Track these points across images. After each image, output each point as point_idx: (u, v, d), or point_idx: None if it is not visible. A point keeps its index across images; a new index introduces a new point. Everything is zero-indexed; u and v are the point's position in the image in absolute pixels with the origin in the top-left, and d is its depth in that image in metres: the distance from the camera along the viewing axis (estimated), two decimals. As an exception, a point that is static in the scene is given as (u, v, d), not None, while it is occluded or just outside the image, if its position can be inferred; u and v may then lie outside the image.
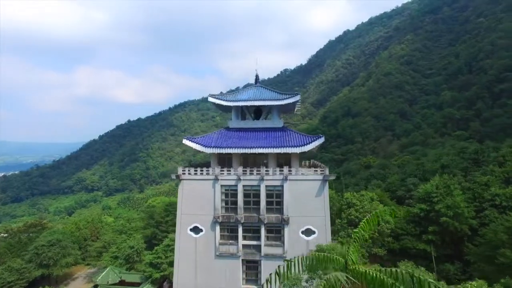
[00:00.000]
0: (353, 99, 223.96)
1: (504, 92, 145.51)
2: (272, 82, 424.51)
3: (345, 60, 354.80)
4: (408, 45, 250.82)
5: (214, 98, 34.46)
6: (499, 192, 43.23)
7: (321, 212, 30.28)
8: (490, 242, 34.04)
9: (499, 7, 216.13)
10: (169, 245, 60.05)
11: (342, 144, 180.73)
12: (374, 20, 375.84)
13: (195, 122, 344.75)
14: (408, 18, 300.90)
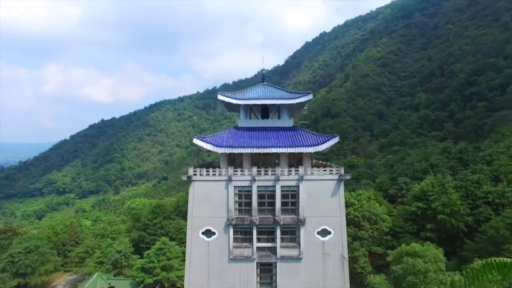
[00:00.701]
0: (332, 100, 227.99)
1: (474, 95, 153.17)
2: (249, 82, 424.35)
3: (322, 61, 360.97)
4: (384, 48, 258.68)
5: (223, 96, 33.38)
6: (491, 190, 45.06)
7: (337, 212, 30.05)
8: (492, 238, 35.20)
9: (464, 15, 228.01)
10: (161, 249, 58.06)
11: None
12: (350, 23, 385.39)
13: (172, 122, 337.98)
14: (383, 22, 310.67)
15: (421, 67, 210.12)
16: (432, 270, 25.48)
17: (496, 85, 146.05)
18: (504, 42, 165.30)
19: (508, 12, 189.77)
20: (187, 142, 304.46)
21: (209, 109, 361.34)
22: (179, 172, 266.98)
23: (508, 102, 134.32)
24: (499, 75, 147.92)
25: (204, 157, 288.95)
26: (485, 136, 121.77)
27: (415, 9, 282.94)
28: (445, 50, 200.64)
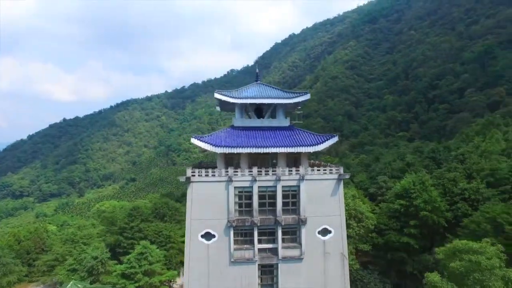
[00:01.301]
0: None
1: (436, 98, 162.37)
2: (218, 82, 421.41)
3: (291, 62, 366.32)
4: (352, 51, 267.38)
5: (220, 94, 32.50)
6: (466, 187, 47.75)
7: (337, 211, 30.32)
8: (474, 232, 37.22)
9: (425, 23, 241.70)
10: (142, 253, 55.73)
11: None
12: (318, 26, 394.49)
13: (139, 122, 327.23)
14: (350, 26, 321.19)
15: (387, 70, 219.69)
16: (497, 266, 26.44)
17: (455, 89, 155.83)
18: (460, 50, 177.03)
19: (462, 22, 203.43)
20: (156, 142, 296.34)
21: (178, 108, 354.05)
22: (148, 172, 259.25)
23: (466, 105, 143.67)
24: (458, 80, 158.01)
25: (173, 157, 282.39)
26: (447, 137, 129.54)
27: (380, 15, 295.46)
28: (408, 55, 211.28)
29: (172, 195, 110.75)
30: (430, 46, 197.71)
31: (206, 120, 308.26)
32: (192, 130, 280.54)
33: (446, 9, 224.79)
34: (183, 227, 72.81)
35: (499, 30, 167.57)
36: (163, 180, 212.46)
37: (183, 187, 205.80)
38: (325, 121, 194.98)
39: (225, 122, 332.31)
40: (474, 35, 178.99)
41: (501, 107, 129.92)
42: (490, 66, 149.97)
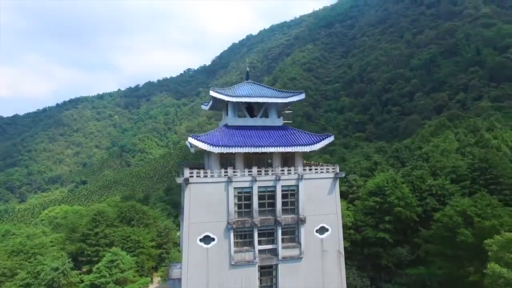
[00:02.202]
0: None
1: (389, 101, 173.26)
2: (175, 81, 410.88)
3: (249, 63, 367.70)
4: (309, 53, 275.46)
5: (215, 92, 31.40)
6: (433, 183, 51.39)
7: (334, 209, 30.82)
8: (446, 225, 40.10)
9: (377, 30, 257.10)
10: (113, 261, 52.43)
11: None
12: (276, 28, 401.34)
13: (90, 121, 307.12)
14: (306, 30, 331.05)
15: (343, 73, 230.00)
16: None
17: (406, 93, 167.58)
18: (409, 56, 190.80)
19: (409, 31, 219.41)
20: (108, 142, 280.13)
21: (132, 108, 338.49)
22: (100, 174, 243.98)
23: (416, 107, 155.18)
24: (408, 84, 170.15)
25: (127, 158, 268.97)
26: (400, 137, 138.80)
27: (335, 20, 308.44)
28: (363, 59, 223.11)
29: (134, 197, 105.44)
30: (383, 52, 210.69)
31: (162, 119, 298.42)
32: (147, 130, 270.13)
33: (395, 19, 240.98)
34: (151, 231, 69.70)
35: (440, 41, 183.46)
36: (117, 182, 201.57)
37: (139, 189, 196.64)
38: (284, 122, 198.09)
39: (181, 122, 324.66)
40: (420, 43, 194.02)
41: (445, 110, 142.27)
42: (435, 73, 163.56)
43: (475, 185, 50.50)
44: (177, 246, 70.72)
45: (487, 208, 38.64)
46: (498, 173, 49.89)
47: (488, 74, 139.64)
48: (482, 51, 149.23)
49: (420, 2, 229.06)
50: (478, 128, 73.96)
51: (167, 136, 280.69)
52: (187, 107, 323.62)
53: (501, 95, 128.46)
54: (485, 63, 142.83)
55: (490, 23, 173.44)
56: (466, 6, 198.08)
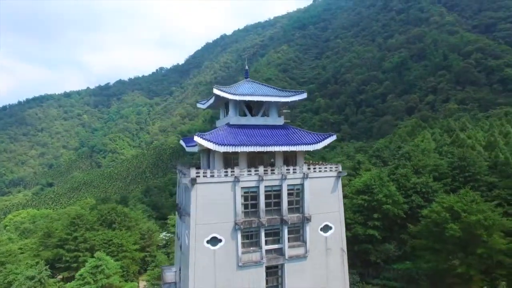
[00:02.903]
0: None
1: (363, 102, 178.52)
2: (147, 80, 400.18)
3: (223, 63, 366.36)
4: (284, 54, 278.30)
5: (219, 90, 30.74)
6: (417, 181, 53.51)
7: (337, 208, 31.16)
8: (435, 221, 41.86)
9: (349, 32, 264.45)
10: (97, 266, 50.21)
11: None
12: (250, 28, 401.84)
13: (56, 120, 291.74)
14: (281, 31, 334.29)
15: (318, 74, 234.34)
16: None
17: (379, 94, 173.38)
18: (381, 59, 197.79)
19: (380, 35, 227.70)
20: (77, 143, 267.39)
21: (102, 107, 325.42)
22: (69, 176, 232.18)
23: (388, 109, 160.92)
24: (380, 86, 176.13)
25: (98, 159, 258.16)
26: (374, 137, 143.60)
27: (309, 22, 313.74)
28: (337, 61, 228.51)
29: (109, 199, 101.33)
30: (356, 54, 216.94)
31: (134, 119, 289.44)
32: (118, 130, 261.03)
33: (366, 23, 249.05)
34: (134, 234, 67.35)
35: (410, 45, 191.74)
36: (88, 184, 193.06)
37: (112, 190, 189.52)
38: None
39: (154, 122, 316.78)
40: (391, 47, 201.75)
41: (416, 112, 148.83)
42: (405, 75, 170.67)
43: (456, 182, 53.17)
44: (161, 249, 68.84)
45: (472, 204, 40.74)
46: (475, 171, 52.82)
47: (454, 78, 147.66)
48: (449, 56, 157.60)
49: (390, 8, 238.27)
50: (452, 128, 78.12)
51: (139, 136, 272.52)
52: (160, 106, 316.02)
53: (466, 98, 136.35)
54: (451, 68, 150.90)
55: (454, 30, 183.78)
56: (432, 14, 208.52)
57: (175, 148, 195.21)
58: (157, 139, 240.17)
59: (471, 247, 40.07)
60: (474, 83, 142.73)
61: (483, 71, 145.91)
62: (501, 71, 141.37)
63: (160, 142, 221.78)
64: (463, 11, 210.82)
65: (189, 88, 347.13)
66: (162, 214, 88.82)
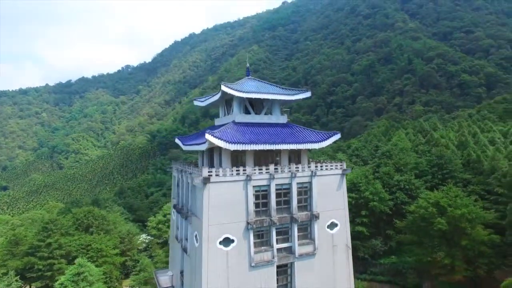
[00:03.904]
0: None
1: (334, 103, 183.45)
2: (112, 78, 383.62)
3: (192, 62, 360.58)
4: (254, 54, 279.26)
5: (226, 87, 29.99)
6: (400, 179, 55.83)
7: (342, 205, 31.59)
8: (422, 216, 43.84)
9: (319, 35, 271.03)
10: (79, 274, 47.28)
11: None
12: (219, 28, 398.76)
13: (11, 119, 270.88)
14: (250, 31, 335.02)
15: (288, 75, 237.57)
16: None
17: (349, 96, 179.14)
18: (350, 62, 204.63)
19: (349, 38, 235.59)
20: (35, 143, 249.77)
21: (63, 105, 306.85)
22: (26, 178, 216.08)
23: (358, 110, 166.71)
24: (350, 88, 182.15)
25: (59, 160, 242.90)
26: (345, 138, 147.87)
27: (278, 24, 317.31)
28: (307, 63, 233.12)
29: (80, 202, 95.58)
30: (325, 56, 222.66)
31: (98, 118, 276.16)
32: (82, 130, 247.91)
33: (335, 26, 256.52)
34: (113, 238, 64.13)
35: (377, 49, 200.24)
36: (49, 187, 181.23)
37: (77, 193, 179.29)
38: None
39: (120, 121, 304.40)
40: (360, 50, 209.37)
41: (384, 113, 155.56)
42: (374, 78, 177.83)
43: (435, 179, 56.15)
44: (141, 252, 66.27)
45: (456, 199, 43.17)
46: (452, 168, 56.10)
47: (419, 81, 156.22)
48: (413, 61, 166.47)
49: (358, 12, 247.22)
50: (424, 128, 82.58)
51: (104, 136, 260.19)
52: (126, 105, 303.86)
53: (430, 100, 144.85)
54: (416, 72, 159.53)
55: (416, 36, 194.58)
56: (397, 20, 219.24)
57: (144, 148, 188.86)
58: (124, 139, 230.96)
59: (456, 240, 42.45)
60: (436, 87, 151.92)
61: (444, 75, 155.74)
62: (459, 76, 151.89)
63: (127, 142, 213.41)
64: (423, 19, 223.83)
65: (157, 87, 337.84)
66: (138, 216, 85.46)
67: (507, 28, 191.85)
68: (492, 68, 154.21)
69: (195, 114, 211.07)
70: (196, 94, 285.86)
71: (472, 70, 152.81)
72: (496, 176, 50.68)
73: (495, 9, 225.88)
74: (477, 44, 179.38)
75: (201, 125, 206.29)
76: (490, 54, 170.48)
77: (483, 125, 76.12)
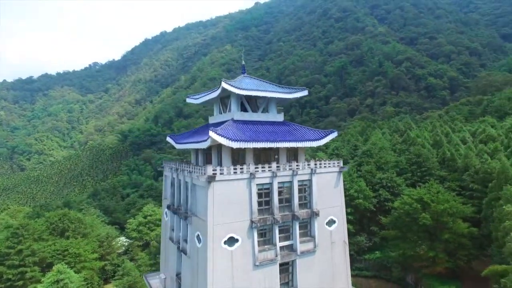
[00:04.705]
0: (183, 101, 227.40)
1: (308, 103, 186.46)
2: (78, 75, 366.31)
3: (163, 61, 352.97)
4: (227, 54, 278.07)
5: (227, 84, 29.44)
6: (383, 177, 57.73)
7: (339, 202, 32.07)
8: (407, 211, 45.60)
9: (292, 36, 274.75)
10: (58, 281, 44.75)
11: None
12: (191, 26, 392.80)
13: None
14: (223, 31, 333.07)
15: (261, 76, 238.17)
16: None
17: (322, 97, 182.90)
18: (323, 63, 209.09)
19: (321, 40, 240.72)
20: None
21: (24, 103, 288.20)
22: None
23: (332, 110, 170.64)
24: (324, 89, 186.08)
25: (20, 161, 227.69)
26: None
27: (251, 24, 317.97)
28: (280, 63, 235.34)
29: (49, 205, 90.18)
30: (299, 57, 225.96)
31: (64, 117, 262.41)
32: (46, 129, 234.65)
33: (308, 28, 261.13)
34: (91, 242, 61.16)
35: (349, 51, 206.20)
36: (9, 190, 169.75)
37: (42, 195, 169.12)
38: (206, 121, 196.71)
39: (88, 121, 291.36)
40: (332, 52, 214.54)
41: (357, 113, 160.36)
42: (346, 79, 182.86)
43: (414, 177, 58.60)
44: (121, 256, 63.79)
45: (438, 195, 45.30)
46: (430, 166, 58.82)
47: (389, 83, 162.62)
48: (383, 64, 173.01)
49: (330, 15, 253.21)
50: (399, 128, 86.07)
51: (71, 136, 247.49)
52: (94, 104, 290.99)
53: (400, 101, 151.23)
54: (386, 74, 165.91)
55: (386, 40, 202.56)
56: (367, 24, 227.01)
57: (115, 148, 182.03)
58: (93, 139, 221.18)
59: (438, 233, 44.52)
60: (405, 89, 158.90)
61: (412, 78, 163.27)
62: (426, 80, 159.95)
63: (96, 142, 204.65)
64: (391, 24, 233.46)
65: (127, 85, 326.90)
66: (115, 218, 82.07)
67: (465, 36, 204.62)
68: (454, 73, 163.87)
69: (169, 113, 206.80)
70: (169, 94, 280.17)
71: (437, 73, 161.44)
72: (469, 173, 53.73)
73: (454, 18, 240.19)
74: (440, 50, 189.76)
75: (175, 125, 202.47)
76: (452, 59, 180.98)
77: (454, 125, 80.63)
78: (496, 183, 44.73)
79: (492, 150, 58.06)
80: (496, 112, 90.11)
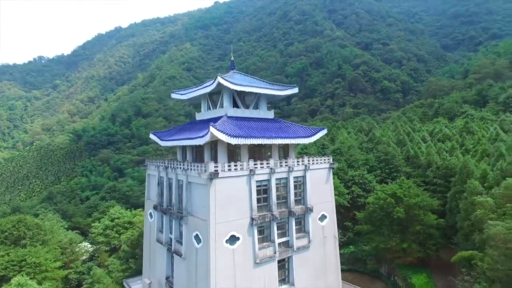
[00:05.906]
0: (141, 99, 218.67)
1: (270, 103, 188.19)
2: (21, 69, 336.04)
3: (118, 57, 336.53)
4: (187, 53, 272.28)
5: (223, 79, 28.57)
6: (355, 174, 59.97)
7: (330, 197, 32.74)
8: (382, 206, 47.77)
9: (252, 37, 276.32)
10: None
11: (137, 145, 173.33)
12: (148, 23, 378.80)
13: None
14: (182, 29, 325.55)
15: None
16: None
17: (284, 97, 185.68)
18: (284, 64, 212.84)
19: (281, 42, 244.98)
20: None
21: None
22: None
23: (293, 111, 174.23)
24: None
25: None
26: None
27: (211, 23, 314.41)
28: (241, 63, 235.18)
29: None
30: (260, 58, 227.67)
31: (4, 115, 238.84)
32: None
33: (268, 29, 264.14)
34: (52, 249, 56.21)
35: (309, 53, 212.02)
36: None
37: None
38: (167, 121, 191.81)
39: (34, 119, 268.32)
40: (292, 54, 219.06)
41: (318, 114, 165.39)
42: (307, 81, 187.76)
43: (383, 174, 61.61)
44: (87, 262, 59.45)
45: (410, 190, 48.04)
46: (397, 163, 62.27)
47: (348, 85, 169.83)
48: (342, 66, 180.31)
49: (290, 17, 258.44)
50: (363, 128, 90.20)
51: (13, 136, 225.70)
52: (40, 101, 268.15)
53: (358, 103, 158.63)
54: (345, 76, 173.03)
55: (343, 44, 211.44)
56: (325, 28, 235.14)
57: (67, 149, 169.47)
58: (40, 139, 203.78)
59: (410, 226, 47.20)
60: (363, 91, 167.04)
61: (369, 81, 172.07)
62: (381, 83, 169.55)
63: (45, 142, 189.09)
64: (348, 29, 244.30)
65: (78, 82, 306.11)
66: (74, 223, 76.18)
67: (412, 44, 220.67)
68: (406, 77, 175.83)
69: (127, 112, 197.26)
70: (125, 92, 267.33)
71: (391, 77, 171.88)
72: (432, 169, 57.71)
73: (403, 26, 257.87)
74: (392, 55, 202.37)
75: (134, 124, 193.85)
76: (403, 64, 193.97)
77: (413, 125, 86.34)
78: (458, 177, 48.44)
79: (450, 148, 62.93)
80: (447, 114, 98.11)
